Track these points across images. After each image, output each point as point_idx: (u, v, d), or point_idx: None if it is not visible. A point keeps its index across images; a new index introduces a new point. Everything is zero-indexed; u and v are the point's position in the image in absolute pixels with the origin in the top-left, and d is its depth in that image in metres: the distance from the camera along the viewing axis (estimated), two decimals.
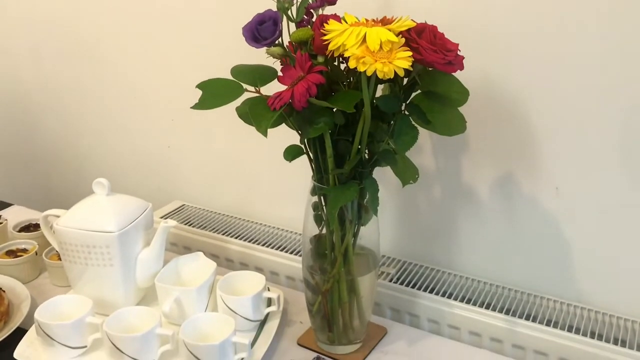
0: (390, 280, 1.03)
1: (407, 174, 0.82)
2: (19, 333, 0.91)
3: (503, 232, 1.00)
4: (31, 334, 0.91)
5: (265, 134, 0.71)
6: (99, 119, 1.45)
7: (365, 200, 0.82)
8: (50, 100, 1.51)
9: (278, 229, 1.22)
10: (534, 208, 0.96)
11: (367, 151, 0.79)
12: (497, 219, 1.00)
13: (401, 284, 1.02)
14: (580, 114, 0.89)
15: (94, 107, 1.44)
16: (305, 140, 0.80)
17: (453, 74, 0.71)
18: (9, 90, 1.57)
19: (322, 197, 0.83)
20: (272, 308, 0.94)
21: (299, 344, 0.92)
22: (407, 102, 0.75)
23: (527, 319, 0.93)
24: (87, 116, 1.46)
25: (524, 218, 0.98)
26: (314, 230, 0.86)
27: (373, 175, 0.80)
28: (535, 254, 0.99)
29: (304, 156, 0.82)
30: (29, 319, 0.93)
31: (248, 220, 1.25)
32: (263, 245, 1.16)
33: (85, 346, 0.88)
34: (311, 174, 0.83)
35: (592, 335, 0.89)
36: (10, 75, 1.55)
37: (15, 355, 0.87)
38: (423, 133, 0.77)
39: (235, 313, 0.90)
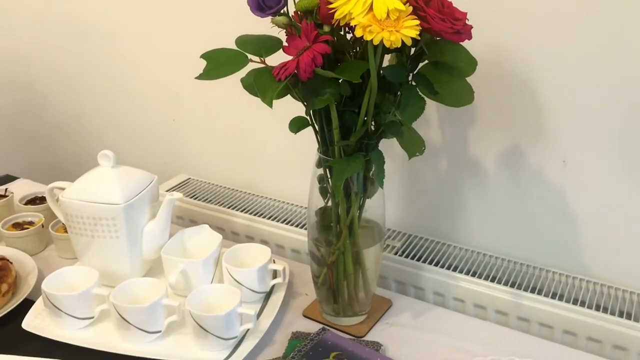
0: (396, 254, 1.03)
1: (414, 146, 0.82)
2: (27, 304, 0.92)
3: (509, 205, 1.00)
4: (38, 305, 0.92)
5: (270, 104, 0.70)
6: (103, 93, 1.44)
7: (371, 172, 0.81)
8: (53, 73, 1.50)
9: (283, 202, 1.22)
10: (541, 181, 0.96)
11: (373, 123, 0.78)
12: (503, 192, 1.00)
13: (406, 257, 1.02)
14: (588, 86, 0.88)
15: (98, 81, 1.43)
16: (311, 112, 0.79)
17: (461, 43, 0.70)
18: (12, 65, 1.56)
19: (327, 170, 0.83)
20: (278, 280, 0.95)
21: (304, 316, 0.92)
22: (414, 72, 0.74)
23: (532, 291, 0.93)
24: (91, 90, 1.46)
25: (530, 191, 0.97)
26: (319, 202, 0.86)
27: (379, 148, 0.80)
28: (541, 227, 0.98)
29: (310, 129, 0.81)
30: (36, 291, 0.94)
31: (253, 194, 1.25)
32: (268, 218, 1.16)
33: (92, 317, 0.88)
34: (316, 146, 0.83)
35: (597, 308, 0.89)
36: (12, 50, 1.54)
37: (23, 325, 0.88)
38: (430, 105, 0.76)
39: (241, 285, 0.90)
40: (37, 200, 1.18)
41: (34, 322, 0.89)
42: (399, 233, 1.09)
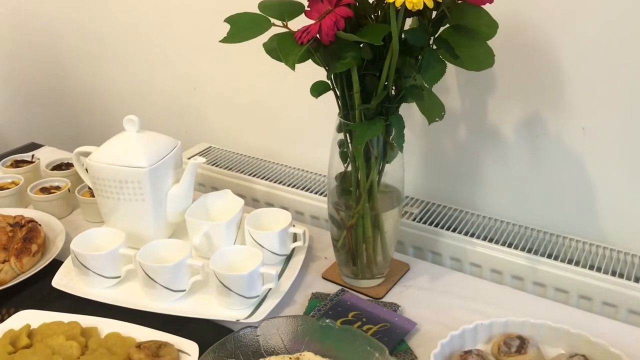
0: (414, 220, 1.05)
1: (434, 111, 0.83)
2: (55, 264, 0.95)
3: (527, 173, 1.01)
4: (67, 265, 0.95)
5: (293, 67, 0.72)
6: (124, 62, 1.46)
7: (391, 136, 0.83)
8: (77, 42, 1.52)
9: (303, 170, 1.23)
10: (559, 148, 0.96)
11: (394, 87, 0.79)
12: (522, 159, 1.00)
13: (424, 223, 1.03)
14: (609, 53, 0.87)
15: (121, 50, 1.45)
16: (332, 76, 0.80)
17: (482, 6, 0.71)
18: (37, 35, 1.58)
19: (347, 134, 0.84)
20: (298, 243, 0.97)
21: (323, 278, 0.95)
22: (436, 36, 0.75)
23: (549, 258, 0.94)
24: (113, 60, 1.47)
25: (549, 158, 0.98)
26: (339, 167, 0.88)
27: (399, 113, 0.81)
28: (559, 194, 0.99)
29: (330, 101, 0.82)
30: (64, 252, 0.97)
31: (273, 162, 1.27)
32: (288, 186, 1.18)
33: (119, 276, 0.91)
34: (335, 115, 0.84)
35: (613, 274, 0.90)
36: (37, 19, 1.56)
37: (53, 283, 0.91)
38: (449, 72, 0.76)
39: (263, 247, 0.93)
40: (62, 166, 1.20)
41: (63, 280, 0.92)
42: (417, 200, 1.11)
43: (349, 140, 0.84)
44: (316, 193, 1.15)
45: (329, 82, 0.81)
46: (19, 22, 1.59)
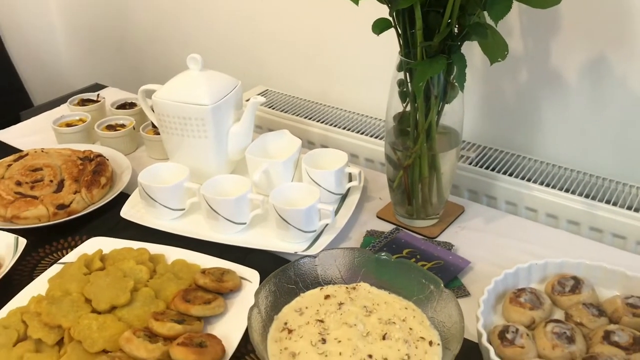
0: (470, 164, 1.05)
1: (497, 50, 0.81)
2: (122, 197, 1.00)
3: (589, 118, 0.99)
4: (134, 197, 1.00)
5: (357, 2, 0.72)
6: (185, 7, 1.47)
7: (452, 76, 0.82)
8: None
9: (358, 114, 1.24)
10: (624, 92, 0.94)
11: (457, 25, 0.78)
12: (584, 104, 0.98)
13: (480, 167, 1.04)
14: None
15: None
16: (394, 14, 0.80)
17: None
18: None
19: (408, 73, 0.84)
20: (354, 183, 0.99)
21: (378, 217, 0.97)
22: None
23: (607, 204, 0.93)
24: (175, 4, 1.49)
25: (613, 103, 0.96)
26: (398, 107, 0.88)
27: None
28: (621, 140, 0.97)
29: (388, 45, 0.82)
30: (130, 186, 1.02)
31: (329, 106, 1.28)
32: (343, 129, 1.19)
33: (184, 209, 0.95)
34: (394, 58, 0.84)
35: None
36: None
37: (121, 214, 0.96)
38: (513, 14, 0.74)
39: (319, 186, 0.95)
40: (126, 106, 1.25)
41: (131, 212, 0.97)
42: (473, 145, 1.10)
43: (408, 80, 0.85)
44: (371, 136, 1.16)
45: (390, 19, 0.81)
46: None
